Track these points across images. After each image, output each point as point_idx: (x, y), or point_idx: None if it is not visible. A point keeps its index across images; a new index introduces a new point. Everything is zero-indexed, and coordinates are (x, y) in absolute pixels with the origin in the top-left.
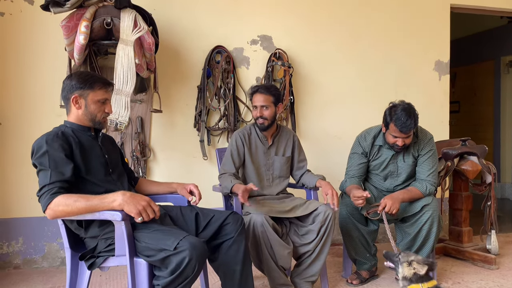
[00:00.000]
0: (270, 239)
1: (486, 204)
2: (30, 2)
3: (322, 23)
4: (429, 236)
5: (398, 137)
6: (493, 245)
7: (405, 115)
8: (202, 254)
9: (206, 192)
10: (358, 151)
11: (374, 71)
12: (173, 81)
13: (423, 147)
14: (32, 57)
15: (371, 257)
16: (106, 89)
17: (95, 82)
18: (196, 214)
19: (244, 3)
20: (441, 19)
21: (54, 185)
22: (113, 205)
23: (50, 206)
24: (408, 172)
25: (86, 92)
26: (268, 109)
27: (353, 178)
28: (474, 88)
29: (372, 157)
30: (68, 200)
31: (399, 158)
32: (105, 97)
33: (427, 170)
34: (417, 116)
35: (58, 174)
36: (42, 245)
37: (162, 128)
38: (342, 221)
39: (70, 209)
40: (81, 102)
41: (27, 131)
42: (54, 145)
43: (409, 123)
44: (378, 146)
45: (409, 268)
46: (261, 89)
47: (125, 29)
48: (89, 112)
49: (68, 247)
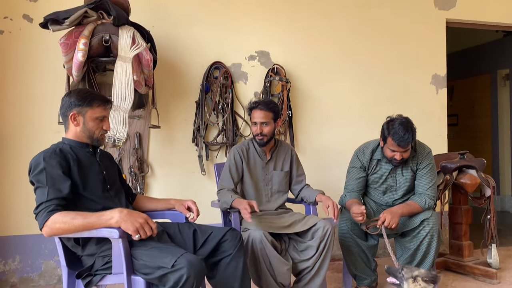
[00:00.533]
0: (269, 256)
1: (486, 218)
2: (29, 20)
3: (319, 38)
4: (429, 250)
5: (396, 151)
6: (494, 259)
7: (403, 129)
8: (200, 271)
9: (204, 207)
10: (356, 165)
11: (372, 85)
12: (171, 96)
13: (421, 161)
14: (31, 74)
15: (371, 272)
16: (105, 106)
17: (93, 100)
18: (194, 231)
19: (242, 19)
20: (437, 34)
21: (51, 203)
22: (110, 223)
23: (47, 223)
24: (407, 186)
25: (85, 109)
26: (268, 125)
27: (352, 192)
28: (471, 101)
29: (370, 171)
30: (65, 218)
31: (398, 172)
32: (103, 115)
33: (426, 184)
34: (415, 130)
35: (56, 191)
36: (39, 263)
37: (160, 144)
38: (342, 236)
39: (67, 227)
40: (79, 119)
41: (25, 148)
42: (52, 162)
43: (406, 137)
44: (376, 160)
45: (414, 284)
46: (260, 105)
47: (123, 46)
48: (87, 129)
49: (65, 265)
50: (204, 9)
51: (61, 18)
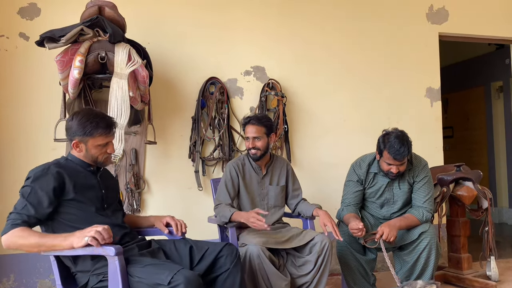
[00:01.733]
0: (267, 271)
1: (484, 230)
2: (26, 39)
3: (314, 54)
4: (428, 263)
5: (392, 164)
6: (493, 272)
7: (398, 142)
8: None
9: (201, 223)
10: (353, 178)
11: (367, 99)
12: (167, 112)
13: (418, 173)
14: (27, 91)
15: (370, 287)
16: (107, 134)
17: (95, 129)
18: (190, 247)
19: (237, 35)
20: (430, 47)
21: (20, 217)
22: (63, 244)
23: (7, 234)
24: (404, 199)
25: (86, 139)
26: (260, 140)
27: (349, 206)
28: (466, 113)
29: (367, 184)
30: (23, 233)
31: (395, 186)
32: (106, 141)
33: (423, 196)
34: (411, 143)
35: (31, 208)
36: (34, 282)
37: (156, 160)
38: (340, 250)
39: (22, 242)
40: (82, 147)
41: (21, 165)
42: (41, 180)
43: (402, 150)
44: (373, 173)
45: None
46: (253, 120)
47: (119, 63)
48: (90, 155)
49: (60, 283)
50: (200, 25)
51: (57, 36)
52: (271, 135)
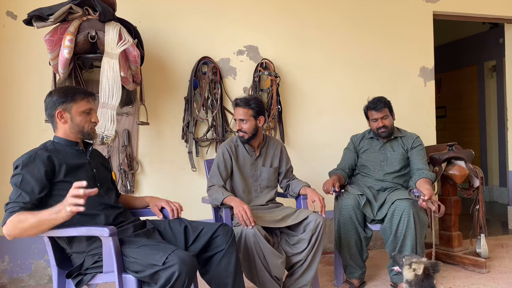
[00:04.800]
0: (263, 249)
1: (475, 208)
2: (13, 17)
3: (308, 33)
4: (407, 235)
5: (376, 118)
6: (483, 249)
7: (375, 98)
8: (191, 268)
9: (195, 204)
10: (349, 147)
11: (361, 79)
12: (160, 93)
13: (412, 142)
14: (16, 72)
15: (362, 264)
16: (88, 99)
17: (75, 94)
18: (185, 227)
19: (230, 14)
20: (424, 26)
21: (17, 205)
22: (57, 217)
23: (7, 223)
24: (397, 161)
25: (69, 105)
26: (246, 122)
27: (338, 170)
28: (459, 93)
29: (361, 149)
30: (21, 217)
31: (388, 149)
32: (89, 107)
33: (422, 161)
34: (387, 100)
35: (25, 195)
36: (29, 262)
37: (149, 141)
38: (343, 221)
39: (22, 225)
40: (66, 116)
41: (13, 147)
42: (29, 167)
43: (377, 101)
44: (367, 139)
45: (409, 270)
46: (240, 102)
47: (109, 42)
48: (75, 124)
49: (55, 264)
50: (191, 3)
51: (45, 15)
52: (259, 118)
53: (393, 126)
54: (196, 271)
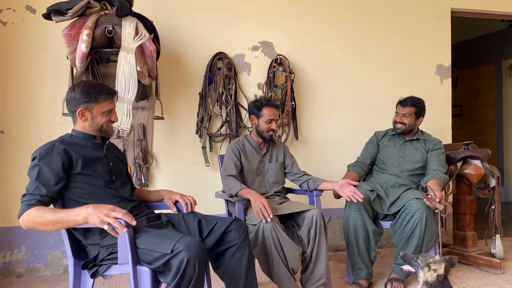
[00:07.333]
0: (281, 241)
1: (490, 208)
2: (32, 12)
3: (323, 29)
4: (414, 234)
5: (398, 112)
6: (498, 250)
7: (412, 96)
8: (199, 252)
9: (208, 198)
10: (372, 140)
11: (376, 76)
12: (175, 88)
13: (434, 145)
14: (34, 65)
15: (369, 263)
16: (111, 99)
17: (99, 95)
18: (199, 221)
19: (245, 10)
20: (442, 24)
21: (34, 197)
22: (78, 220)
23: (24, 215)
24: (417, 160)
25: (92, 105)
26: (277, 122)
27: (356, 164)
28: (476, 92)
29: (381, 145)
30: (38, 212)
31: (408, 147)
32: (111, 108)
33: (439, 164)
34: (421, 103)
35: (42, 187)
36: (45, 253)
37: (164, 135)
38: (352, 216)
39: (38, 220)
40: (87, 115)
41: (30, 140)
42: (46, 159)
43: (409, 98)
44: (389, 135)
45: (430, 272)
46: (274, 103)
47: (126, 37)
48: (95, 123)
49: (71, 255)
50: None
51: (64, 9)
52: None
53: (415, 127)
54: (205, 255)
